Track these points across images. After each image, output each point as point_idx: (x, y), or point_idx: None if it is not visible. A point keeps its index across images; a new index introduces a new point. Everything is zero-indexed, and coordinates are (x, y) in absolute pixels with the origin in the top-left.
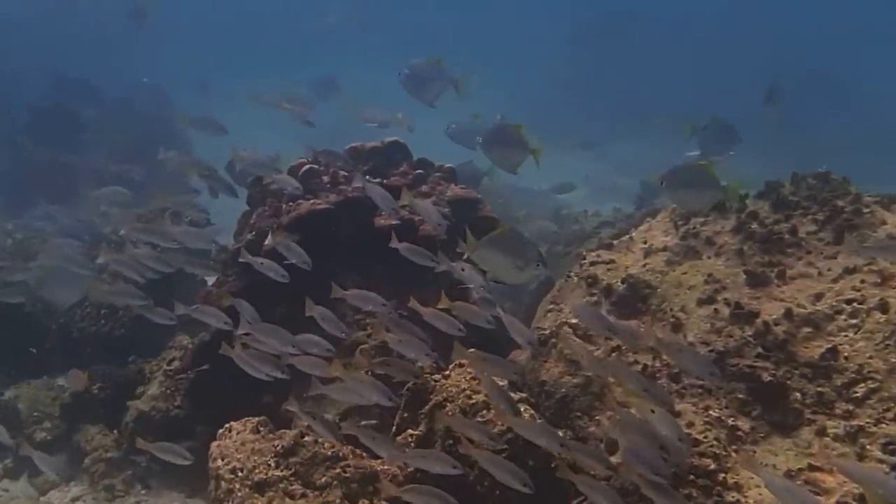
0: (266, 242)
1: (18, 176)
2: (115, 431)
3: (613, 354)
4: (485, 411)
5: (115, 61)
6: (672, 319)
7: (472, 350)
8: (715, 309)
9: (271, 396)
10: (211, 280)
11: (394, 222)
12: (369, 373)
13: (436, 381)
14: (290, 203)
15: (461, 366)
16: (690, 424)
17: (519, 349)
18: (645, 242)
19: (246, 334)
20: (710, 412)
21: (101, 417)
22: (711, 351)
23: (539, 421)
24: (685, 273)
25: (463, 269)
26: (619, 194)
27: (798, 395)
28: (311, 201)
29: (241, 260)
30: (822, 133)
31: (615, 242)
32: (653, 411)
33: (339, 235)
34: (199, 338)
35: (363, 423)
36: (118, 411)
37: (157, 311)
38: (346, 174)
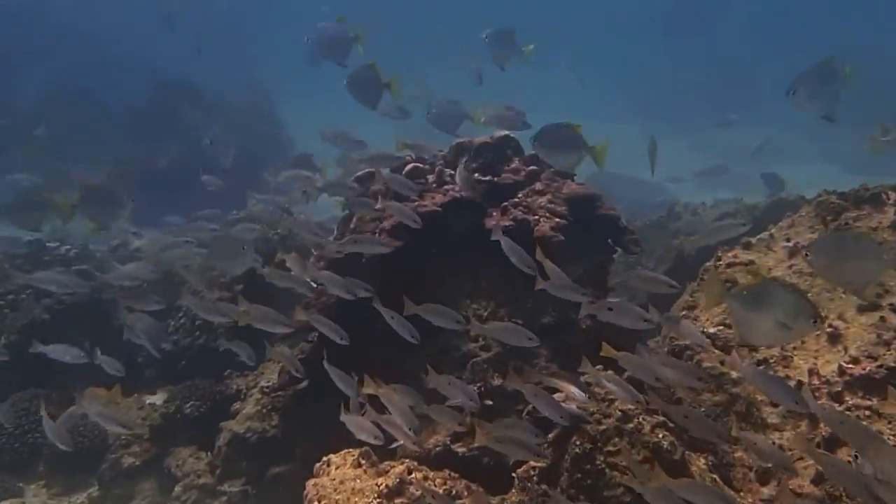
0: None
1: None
2: (208, 454)
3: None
4: (616, 439)
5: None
6: (829, 329)
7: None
8: (881, 317)
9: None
10: None
11: (507, 223)
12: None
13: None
14: None
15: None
16: None
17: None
18: (788, 240)
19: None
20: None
21: (194, 439)
22: (881, 367)
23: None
24: None
25: (611, 309)
26: (730, 183)
27: None
28: (416, 203)
29: (365, 298)
30: None
31: (753, 241)
32: None
33: (447, 238)
34: (299, 349)
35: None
36: (212, 431)
37: (287, 356)
38: (452, 172)
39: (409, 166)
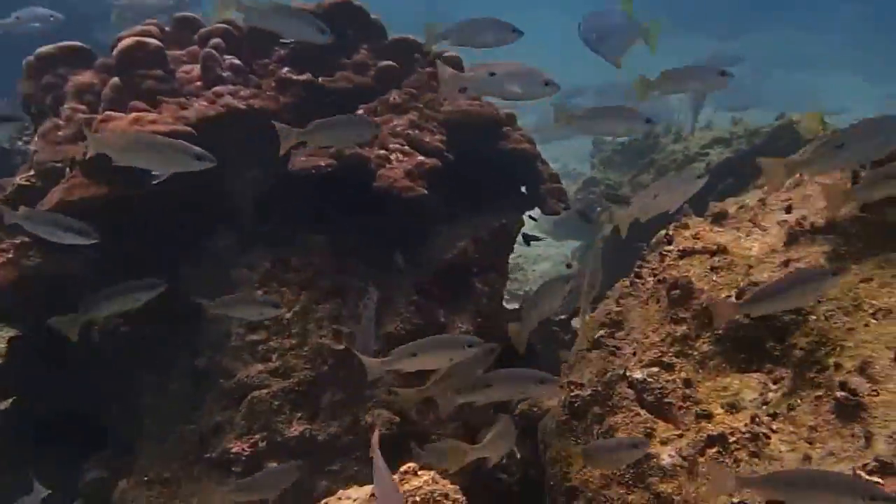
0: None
1: None
2: None
3: (712, 451)
4: None
5: None
6: (840, 394)
7: None
8: None
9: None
10: None
11: (323, 163)
12: None
13: None
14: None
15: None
16: None
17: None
18: (788, 210)
19: None
20: None
21: None
22: None
23: None
24: (869, 281)
25: None
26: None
27: None
28: (134, 116)
29: None
30: None
31: (730, 209)
32: None
33: (223, 186)
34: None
35: None
36: None
37: None
38: (237, 63)
39: (130, 40)
